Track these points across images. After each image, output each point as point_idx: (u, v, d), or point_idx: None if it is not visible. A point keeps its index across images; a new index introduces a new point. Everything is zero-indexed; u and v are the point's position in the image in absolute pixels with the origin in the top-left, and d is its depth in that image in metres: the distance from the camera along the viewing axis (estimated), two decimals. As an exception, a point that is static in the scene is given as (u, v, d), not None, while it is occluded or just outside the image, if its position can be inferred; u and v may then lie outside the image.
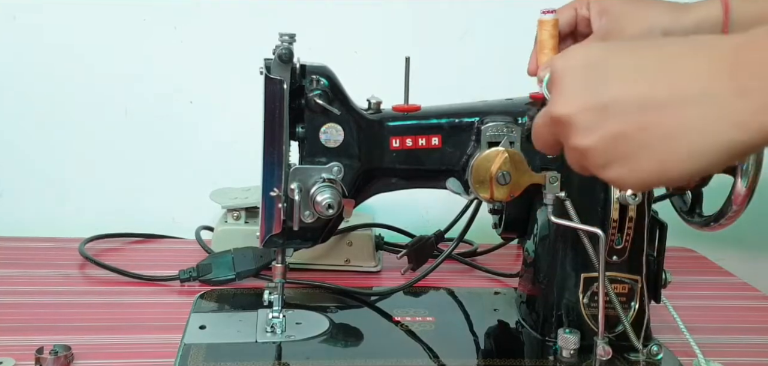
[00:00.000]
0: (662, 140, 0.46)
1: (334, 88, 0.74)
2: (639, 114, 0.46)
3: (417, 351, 0.80)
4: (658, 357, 0.78)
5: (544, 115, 0.53)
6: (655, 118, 0.45)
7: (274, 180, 0.73)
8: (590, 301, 0.80)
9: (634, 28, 0.74)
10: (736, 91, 0.43)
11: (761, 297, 1.02)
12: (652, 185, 0.49)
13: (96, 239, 1.07)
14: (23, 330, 0.82)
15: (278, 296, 0.79)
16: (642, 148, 0.46)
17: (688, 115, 0.45)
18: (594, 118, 0.48)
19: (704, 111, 0.44)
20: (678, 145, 0.45)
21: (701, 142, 0.44)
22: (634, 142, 0.47)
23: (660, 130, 0.45)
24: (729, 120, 0.44)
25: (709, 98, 0.44)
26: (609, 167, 0.48)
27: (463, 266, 1.06)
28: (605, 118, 0.47)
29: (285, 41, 0.72)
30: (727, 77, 0.43)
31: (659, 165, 0.46)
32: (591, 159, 0.49)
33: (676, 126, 0.45)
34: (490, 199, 0.76)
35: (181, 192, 1.18)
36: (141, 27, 1.14)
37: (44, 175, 1.17)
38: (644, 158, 0.47)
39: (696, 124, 0.44)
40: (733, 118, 0.43)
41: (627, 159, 0.47)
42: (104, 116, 1.16)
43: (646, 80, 0.46)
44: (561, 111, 0.49)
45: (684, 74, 0.45)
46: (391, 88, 0.78)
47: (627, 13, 0.75)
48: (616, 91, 0.47)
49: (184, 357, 0.75)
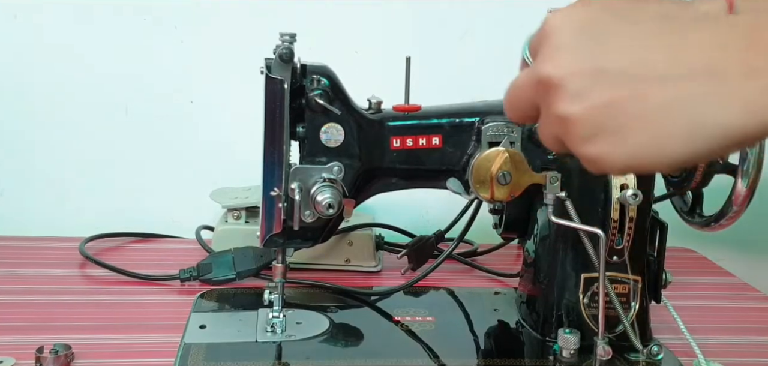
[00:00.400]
0: (660, 113, 0.41)
1: (335, 87, 0.74)
2: (637, 82, 0.42)
3: (417, 351, 0.80)
4: (659, 357, 0.77)
5: (528, 76, 0.47)
6: (655, 88, 0.41)
7: (274, 180, 0.73)
8: (590, 302, 0.80)
9: None
10: (746, 70, 0.40)
11: (761, 297, 1.02)
12: (640, 166, 0.43)
13: (96, 239, 1.07)
14: (23, 329, 0.82)
15: (278, 296, 0.79)
16: (635, 120, 0.42)
17: (692, 90, 0.41)
18: (586, 83, 0.43)
19: (710, 87, 0.40)
20: (677, 120, 0.41)
21: (703, 120, 0.40)
22: (627, 112, 0.42)
23: (658, 101, 0.41)
24: (736, 100, 0.40)
25: (717, 74, 0.40)
26: (593, 140, 0.43)
27: (463, 266, 1.06)
28: (598, 83, 0.42)
29: (286, 41, 0.72)
30: (738, 55, 0.40)
31: (652, 141, 0.42)
32: (574, 129, 0.44)
33: (678, 99, 0.41)
34: (490, 199, 0.76)
35: (182, 191, 1.18)
36: (141, 27, 1.14)
37: (44, 175, 1.17)
38: (636, 132, 0.42)
39: (700, 100, 0.40)
40: (740, 99, 0.40)
41: (615, 132, 0.42)
42: (104, 116, 1.16)
43: (648, 47, 0.42)
44: (551, 71, 0.44)
45: (692, 46, 0.41)
46: (392, 87, 0.78)
47: None
48: (614, 55, 0.43)
49: (184, 356, 0.75)
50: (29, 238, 1.10)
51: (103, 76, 1.15)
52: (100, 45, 1.14)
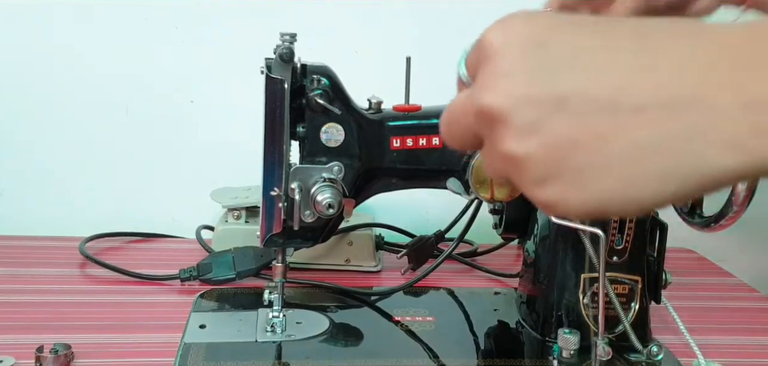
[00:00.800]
0: (631, 155, 0.34)
1: (335, 87, 0.74)
2: (603, 116, 0.35)
3: (417, 351, 0.80)
4: (658, 357, 0.78)
5: (466, 104, 0.39)
6: (626, 123, 0.34)
7: (274, 179, 0.73)
8: (590, 302, 0.80)
9: None
10: (738, 99, 0.33)
11: (761, 297, 1.02)
12: (604, 212, 0.36)
13: (96, 238, 1.07)
14: (23, 329, 0.82)
15: (278, 296, 0.79)
16: (600, 162, 0.35)
17: (672, 127, 0.34)
18: (538, 115, 0.35)
19: (693, 120, 0.33)
20: (651, 164, 0.34)
21: (681, 161, 0.34)
22: (590, 152, 0.35)
23: (629, 139, 0.34)
24: (723, 137, 0.33)
25: (702, 105, 0.33)
26: (547, 183, 0.36)
27: (463, 266, 1.06)
28: (554, 114, 0.35)
29: (286, 41, 0.72)
30: (729, 78, 0.33)
31: (619, 186, 0.35)
32: (524, 170, 0.37)
33: (652, 136, 0.34)
34: (490, 199, 0.76)
35: (182, 191, 1.18)
36: (142, 26, 1.14)
37: (45, 175, 1.17)
38: (600, 176, 0.35)
39: (681, 140, 0.34)
40: (728, 136, 0.33)
41: (575, 175, 0.35)
42: (104, 116, 1.16)
43: (618, 72, 0.35)
44: (493, 101, 0.36)
45: (671, 69, 0.34)
46: (392, 87, 0.78)
47: None
48: (574, 80, 0.35)
49: (184, 356, 0.75)
50: (29, 237, 1.10)
51: (103, 76, 1.15)
52: (100, 45, 1.14)
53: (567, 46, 0.36)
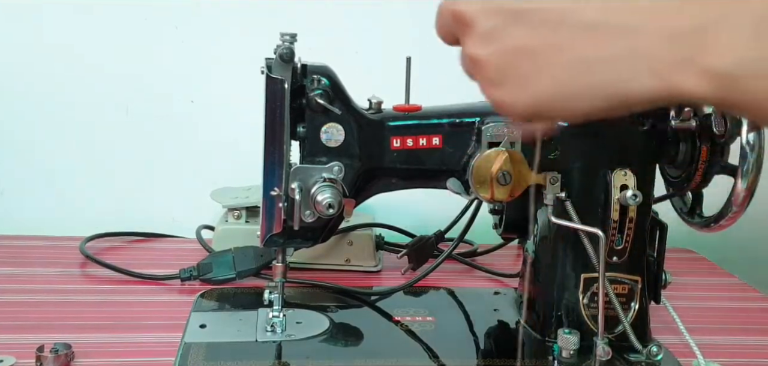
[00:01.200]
0: (569, 66, 0.40)
1: (335, 87, 0.74)
2: (552, 30, 0.40)
3: (417, 351, 0.81)
4: (658, 358, 0.78)
5: (446, 6, 0.46)
6: (570, 39, 0.40)
7: (274, 179, 0.73)
8: (590, 302, 0.80)
9: None
10: (667, 28, 0.38)
11: (761, 298, 1.02)
12: (539, 114, 0.42)
13: (97, 238, 1.07)
14: (24, 328, 0.82)
15: (278, 295, 0.80)
16: (542, 71, 0.41)
17: (608, 46, 0.39)
18: (498, 24, 0.41)
19: (627, 45, 0.39)
20: (585, 75, 0.40)
21: (610, 79, 0.39)
22: (536, 62, 0.41)
23: (571, 54, 0.40)
24: (649, 65, 0.38)
25: (638, 32, 0.39)
26: (500, 85, 0.42)
27: (463, 266, 1.06)
28: (511, 26, 0.41)
29: (286, 41, 0.72)
30: (663, 7, 0.38)
31: (557, 92, 0.41)
32: (483, 72, 0.43)
33: (590, 54, 0.40)
34: (490, 199, 0.76)
35: (182, 191, 1.18)
36: (142, 26, 1.15)
37: (45, 174, 1.17)
38: (541, 81, 0.41)
39: (612, 58, 0.39)
40: (653, 64, 0.38)
41: (522, 79, 0.42)
42: (105, 116, 1.16)
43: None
44: (463, 7, 0.43)
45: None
46: (392, 88, 0.78)
47: None
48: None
49: (185, 356, 0.75)
50: (30, 237, 1.10)
51: (103, 76, 1.15)
52: (100, 45, 1.14)
53: None
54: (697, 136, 0.77)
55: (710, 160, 0.78)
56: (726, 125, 0.74)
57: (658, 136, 0.77)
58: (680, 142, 0.77)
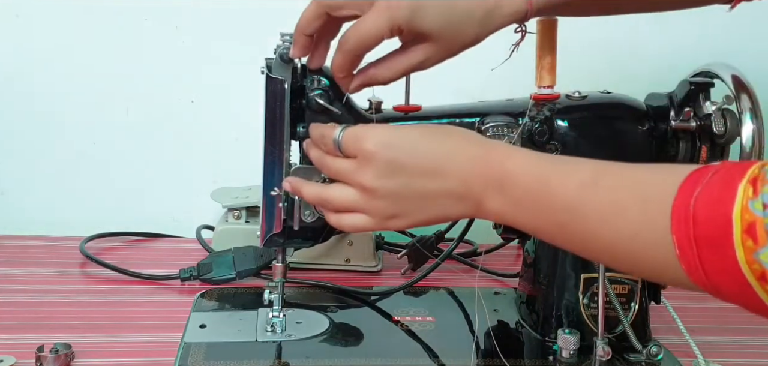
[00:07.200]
0: (423, 209, 0.64)
1: (335, 87, 0.74)
2: (420, 199, 0.63)
3: (417, 351, 0.81)
4: (658, 358, 0.78)
5: (349, 172, 0.65)
6: (428, 199, 0.63)
7: (275, 179, 0.73)
8: (590, 302, 0.80)
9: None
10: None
11: (761, 298, 1.02)
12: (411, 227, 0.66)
13: (97, 238, 1.07)
14: (24, 328, 0.82)
15: (278, 295, 0.79)
16: (415, 211, 0.64)
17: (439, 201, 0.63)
18: (392, 196, 0.63)
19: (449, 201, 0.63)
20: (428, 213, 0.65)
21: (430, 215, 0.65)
22: (411, 207, 0.64)
23: (428, 204, 0.64)
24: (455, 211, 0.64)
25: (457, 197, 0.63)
26: (393, 220, 0.65)
27: (463, 266, 1.06)
28: (398, 196, 0.63)
29: (286, 41, 0.72)
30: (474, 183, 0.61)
31: (417, 222, 0.65)
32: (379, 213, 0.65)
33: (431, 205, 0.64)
34: (490, 199, 0.76)
35: (182, 191, 1.18)
36: (142, 27, 1.15)
37: (45, 174, 1.17)
38: (413, 216, 0.64)
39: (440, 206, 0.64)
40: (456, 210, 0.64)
41: (405, 216, 0.64)
42: (105, 116, 1.16)
43: (430, 174, 0.63)
44: (372, 184, 0.63)
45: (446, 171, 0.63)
46: (392, 88, 0.77)
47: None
48: (408, 181, 0.64)
49: (185, 356, 0.75)
50: (29, 237, 1.10)
51: (103, 76, 1.15)
52: (100, 45, 1.14)
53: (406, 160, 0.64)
54: (697, 136, 0.77)
55: (710, 160, 0.78)
56: (726, 125, 0.74)
57: (658, 136, 0.77)
58: (680, 142, 0.77)
